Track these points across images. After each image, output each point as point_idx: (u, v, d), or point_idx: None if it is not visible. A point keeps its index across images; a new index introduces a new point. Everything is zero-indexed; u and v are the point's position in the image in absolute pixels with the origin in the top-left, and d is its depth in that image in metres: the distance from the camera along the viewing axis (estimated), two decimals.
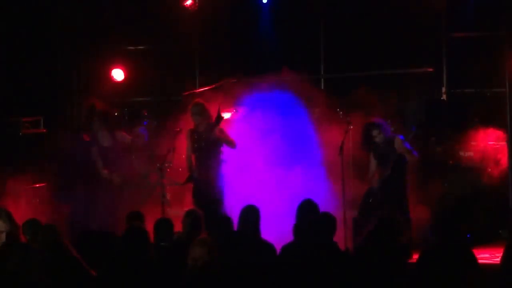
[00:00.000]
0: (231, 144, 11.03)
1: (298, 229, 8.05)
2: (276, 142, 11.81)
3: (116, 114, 13.45)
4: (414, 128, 10.91)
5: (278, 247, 8.01)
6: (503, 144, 12.29)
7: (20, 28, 13.49)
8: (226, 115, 11.63)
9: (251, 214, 8.16)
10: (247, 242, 7.89)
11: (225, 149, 11.13)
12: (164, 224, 8.11)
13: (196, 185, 11.00)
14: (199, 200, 10.65)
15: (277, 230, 9.32)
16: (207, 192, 10.75)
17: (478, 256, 9.95)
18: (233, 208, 9.85)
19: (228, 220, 8.22)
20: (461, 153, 12.38)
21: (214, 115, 11.03)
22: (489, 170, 12.32)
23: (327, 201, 10.96)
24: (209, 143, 10.92)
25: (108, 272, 7.04)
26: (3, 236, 8.03)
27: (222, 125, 11.04)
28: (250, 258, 7.58)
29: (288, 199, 10.90)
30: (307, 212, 8.15)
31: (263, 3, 14.11)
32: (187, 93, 13.35)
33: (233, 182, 11.34)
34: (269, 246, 7.93)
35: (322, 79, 14.17)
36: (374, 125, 10.81)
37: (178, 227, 8.46)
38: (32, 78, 13.46)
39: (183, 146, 11.25)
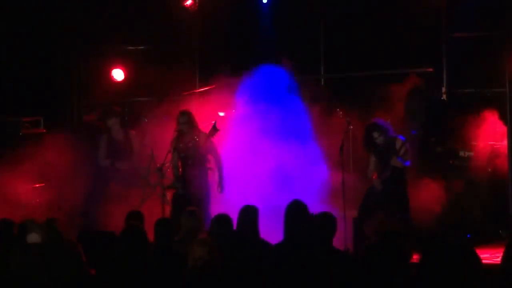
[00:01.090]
0: (217, 158, 11.07)
1: (287, 230, 8.01)
2: (272, 139, 11.86)
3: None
4: (414, 132, 10.89)
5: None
6: (504, 144, 12.29)
7: (20, 28, 13.49)
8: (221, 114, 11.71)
9: (249, 213, 8.15)
10: (246, 242, 7.88)
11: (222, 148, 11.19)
12: (164, 224, 8.11)
13: (180, 193, 11.00)
14: (181, 207, 10.56)
15: (275, 227, 9.33)
16: (192, 201, 10.67)
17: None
18: (231, 205, 9.83)
19: (228, 219, 8.20)
20: (461, 153, 12.37)
21: (200, 122, 11.11)
22: (489, 170, 12.32)
23: (327, 199, 11.01)
24: (195, 153, 10.94)
25: (107, 271, 7.04)
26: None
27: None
28: (249, 258, 7.57)
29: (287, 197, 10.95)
30: (294, 214, 8.09)
31: (263, 3, 14.10)
32: (187, 93, 13.34)
33: (230, 181, 11.38)
34: (268, 246, 7.91)
35: (322, 79, 14.17)
36: (375, 127, 10.80)
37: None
38: (32, 78, 13.46)
39: None
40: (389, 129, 10.83)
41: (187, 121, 11.04)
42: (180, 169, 11.13)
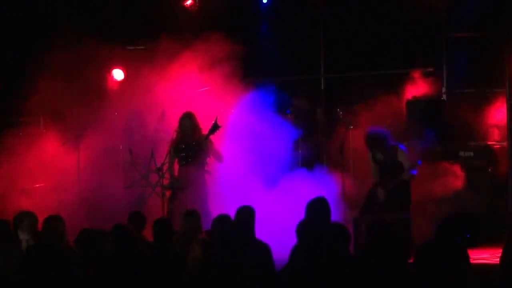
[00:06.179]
0: (219, 158, 11.07)
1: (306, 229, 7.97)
2: (269, 143, 11.88)
3: (116, 113, 13.47)
4: (420, 162, 10.78)
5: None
6: (504, 144, 12.30)
7: (20, 28, 13.50)
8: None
9: (246, 214, 8.12)
10: (242, 242, 7.86)
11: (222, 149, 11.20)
12: (162, 224, 8.10)
13: (178, 194, 11.00)
14: (178, 208, 10.53)
15: (268, 230, 9.33)
16: (189, 202, 10.64)
17: (478, 256, 10.03)
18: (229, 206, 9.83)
19: (230, 220, 8.18)
20: (461, 153, 12.37)
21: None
22: (490, 170, 12.33)
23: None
24: (196, 154, 10.94)
25: (104, 271, 7.04)
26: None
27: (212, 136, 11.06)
28: (245, 258, 7.56)
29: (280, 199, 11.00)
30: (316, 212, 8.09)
31: (263, 3, 14.10)
32: (187, 92, 13.32)
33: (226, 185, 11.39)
34: (263, 246, 7.89)
35: (322, 79, 14.17)
36: (372, 143, 10.61)
37: (177, 227, 8.47)
38: (32, 78, 13.46)
39: None
40: (387, 138, 10.69)
41: (190, 124, 11.07)
42: (177, 169, 11.13)
